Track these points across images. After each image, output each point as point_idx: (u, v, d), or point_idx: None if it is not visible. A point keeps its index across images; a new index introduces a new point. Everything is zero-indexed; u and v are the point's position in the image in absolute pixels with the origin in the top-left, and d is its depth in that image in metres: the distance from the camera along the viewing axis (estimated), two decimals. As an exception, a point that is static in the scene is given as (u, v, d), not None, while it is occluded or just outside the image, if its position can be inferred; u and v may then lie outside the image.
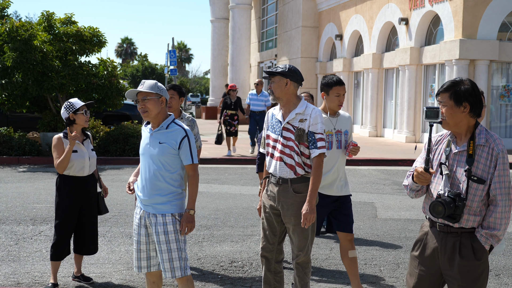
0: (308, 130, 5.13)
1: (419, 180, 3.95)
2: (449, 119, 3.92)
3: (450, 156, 3.98)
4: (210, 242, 8.42)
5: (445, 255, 3.97)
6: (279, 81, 5.19)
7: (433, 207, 3.85)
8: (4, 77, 17.09)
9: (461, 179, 3.91)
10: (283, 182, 5.20)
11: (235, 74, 36.52)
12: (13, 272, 6.95)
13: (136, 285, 6.58)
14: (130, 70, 79.10)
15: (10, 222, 9.39)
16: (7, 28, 17.02)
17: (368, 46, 26.92)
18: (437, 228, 4.02)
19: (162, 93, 4.91)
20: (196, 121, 7.16)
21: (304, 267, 5.29)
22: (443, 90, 3.94)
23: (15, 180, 13.77)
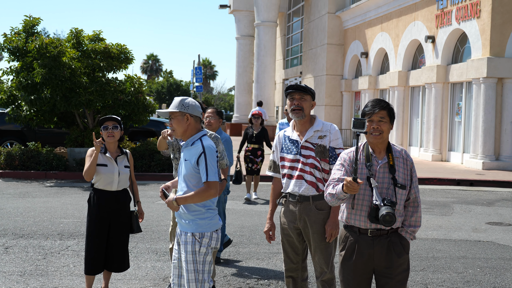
0: (329, 146, 5.17)
1: (348, 189, 4.21)
2: (385, 134, 4.47)
3: (375, 169, 4.46)
4: (236, 260, 8.41)
5: (382, 255, 4.46)
6: (310, 101, 5.26)
7: (383, 218, 4.21)
8: (33, 93, 17.31)
9: (388, 187, 4.44)
10: (304, 200, 5.19)
11: (260, 91, 36.62)
12: (41, 286, 6.99)
13: (163, 302, 6.59)
14: (155, 87, 79.67)
15: (38, 237, 9.47)
16: (37, 45, 17.26)
17: (394, 63, 26.85)
18: (369, 234, 4.48)
19: (187, 110, 4.83)
20: (220, 138, 6.98)
21: (330, 284, 5.26)
22: (382, 108, 4.45)
23: (42, 195, 13.90)
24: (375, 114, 4.45)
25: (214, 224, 4.83)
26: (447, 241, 9.76)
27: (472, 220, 11.77)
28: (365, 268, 4.50)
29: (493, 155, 20.31)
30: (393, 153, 4.51)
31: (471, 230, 10.73)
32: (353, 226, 4.52)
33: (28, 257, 8.27)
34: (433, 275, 7.83)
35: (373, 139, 4.46)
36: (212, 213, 4.84)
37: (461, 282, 7.53)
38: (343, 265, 4.57)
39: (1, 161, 17.59)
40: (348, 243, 4.54)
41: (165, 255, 8.50)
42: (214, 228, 4.82)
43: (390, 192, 4.43)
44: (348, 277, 4.54)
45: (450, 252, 9.04)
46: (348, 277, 4.54)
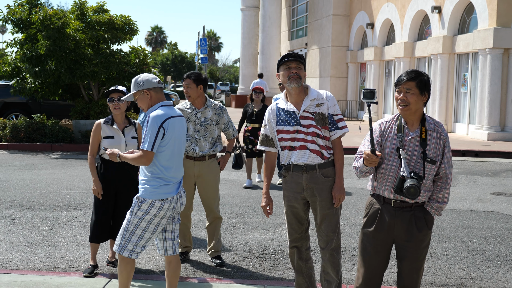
0: (327, 113, 5.17)
1: (367, 162, 4.35)
2: (413, 106, 4.37)
3: (405, 141, 4.41)
4: (242, 230, 8.46)
5: (402, 227, 4.44)
6: (303, 71, 5.23)
7: (407, 190, 4.22)
8: (37, 65, 17.28)
9: (417, 160, 4.38)
10: (310, 169, 5.15)
11: (265, 63, 36.49)
12: (49, 257, 7.06)
13: (169, 271, 6.63)
14: (160, 59, 79.40)
15: (45, 208, 9.52)
16: (41, 17, 17.19)
17: (400, 34, 26.68)
18: (392, 205, 4.47)
19: (144, 86, 5.04)
20: (225, 109, 6.98)
21: (338, 252, 5.28)
22: (409, 79, 4.37)
23: (48, 167, 13.95)
24: (402, 85, 4.40)
25: (159, 193, 4.93)
26: (451, 211, 9.78)
27: (477, 190, 11.79)
28: (385, 238, 4.50)
29: (499, 126, 20.27)
30: (426, 126, 4.42)
31: (476, 201, 10.75)
32: (379, 195, 4.54)
33: (35, 228, 8.33)
34: (438, 244, 7.86)
35: (401, 111, 4.41)
36: (159, 182, 4.94)
37: (466, 252, 7.56)
38: (363, 231, 4.61)
39: (7, 134, 17.62)
40: (371, 210, 4.58)
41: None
42: (157, 196, 4.92)
43: (418, 165, 4.37)
44: (367, 243, 4.56)
45: (454, 222, 9.06)
46: (366, 244, 4.56)
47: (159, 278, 6.32)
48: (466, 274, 6.73)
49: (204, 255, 7.25)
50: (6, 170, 13.34)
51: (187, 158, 6.80)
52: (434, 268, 6.94)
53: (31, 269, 6.61)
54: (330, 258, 5.23)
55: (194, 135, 6.74)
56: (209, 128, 6.77)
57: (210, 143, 6.79)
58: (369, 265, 4.58)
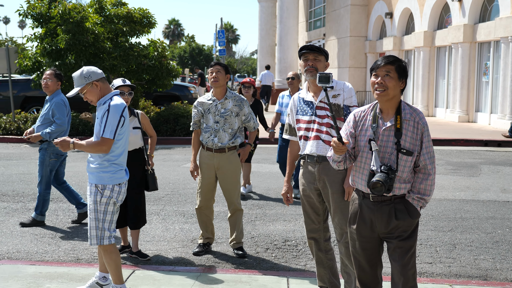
0: (343, 104, 5.15)
1: (335, 150, 4.15)
2: (391, 91, 4.14)
3: (379, 132, 4.20)
4: (263, 221, 8.45)
5: (382, 222, 4.23)
6: (324, 61, 5.24)
7: (372, 186, 4.07)
8: (57, 59, 17.37)
9: (391, 152, 4.16)
10: (323, 160, 5.14)
11: (283, 54, 36.37)
12: (72, 249, 7.10)
13: (191, 262, 6.65)
14: (177, 52, 79.56)
15: (67, 200, 9.56)
16: (60, 11, 17.26)
17: (419, 23, 26.46)
18: (371, 199, 4.27)
19: (91, 78, 5.14)
20: (246, 100, 6.93)
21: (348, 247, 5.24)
22: (388, 62, 4.14)
23: (69, 160, 14.02)
24: (380, 68, 4.15)
25: (117, 178, 5.20)
26: (475, 202, 9.70)
27: (500, 180, 11.67)
28: (369, 234, 4.30)
29: (521, 115, 20.05)
30: (402, 115, 4.17)
31: (500, 191, 10.65)
32: (358, 190, 4.36)
33: (58, 220, 8.38)
34: (462, 235, 7.80)
35: (378, 96, 4.15)
36: (116, 168, 5.19)
37: (490, 242, 7.49)
38: (349, 229, 4.44)
39: (28, 127, 17.75)
40: (353, 206, 4.41)
41: (193, 217, 8.56)
42: (116, 181, 5.19)
43: (393, 157, 4.15)
44: (352, 241, 4.40)
45: (478, 213, 8.98)
46: (353, 242, 4.40)
47: (183, 269, 6.33)
48: (492, 265, 6.67)
49: (226, 246, 7.25)
50: (28, 164, 13.44)
51: (207, 150, 6.80)
52: (459, 259, 6.88)
53: (56, 261, 6.65)
54: (346, 252, 5.17)
55: (213, 126, 6.74)
56: (228, 120, 6.75)
57: (230, 135, 6.77)
58: (360, 263, 4.41)
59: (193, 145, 6.97)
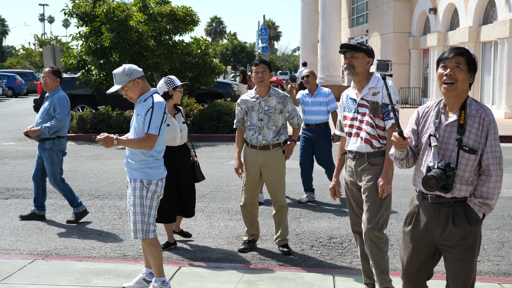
0: (381, 102, 5.14)
1: (395, 146, 3.96)
2: (460, 84, 3.89)
3: (441, 128, 3.97)
4: (308, 218, 8.42)
5: (439, 225, 3.96)
6: (363, 58, 5.21)
7: (425, 181, 3.84)
8: (102, 57, 17.58)
9: (452, 149, 3.91)
10: (360, 157, 5.22)
11: (325, 51, 36.17)
12: (119, 245, 7.18)
13: (236, 259, 6.66)
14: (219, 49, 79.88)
15: (113, 197, 9.69)
16: (104, 10, 17.46)
17: (464, 19, 26.04)
18: (429, 200, 4.01)
19: (133, 76, 5.26)
20: (289, 97, 6.92)
21: (376, 243, 5.18)
22: (459, 53, 3.89)
23: (114, 157, 14.20)
24: (449, 59, 3.87)
25: (160, 173, 5.37)
26: (523, 199, 9.51)
27: (549, 177, 11.42)
28: (424, 237, 4.02)
29: None
30: (467, 110, 3.89)
31: (549, 188, 10.42)
32: (420, 190, 4.08)
33: (104, 217, 8.49)
34: (510, 233, 7.65)
35: (445, 89, 3.87)
36: (159, 163, 5.36)
37: (540, 241, 7.34)
38: (403, 229, 4.20)
39: (74, 125, 18.02)
40: (411, 206, 4.17)
41: (237, 214, 8.57)
42: (160, 176, 5.35)
43: (454, 155, 3.88)
44: (406, 243, 4.13)
45: (527, 210, 8.81)
46: (406, 243, 4.13)
47: (229, 266, 6.34)
48: (542, 263, 6.53)
49: (271, 243, 7.24)
50: (74, 161, 13.64)
51: (252, 148, 6.81)
52: (507, 257, 6.76)
53: (103, 257, 6.74)
54: (368, 246, 5.21)
55: (257, 123, 6.73)
56: (272, 117, 6.74)
57: (274, 132, 6.76)
58: (409, 267, 4.14)
59: (237, 143, 6.98)
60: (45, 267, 6.19)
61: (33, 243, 7.26)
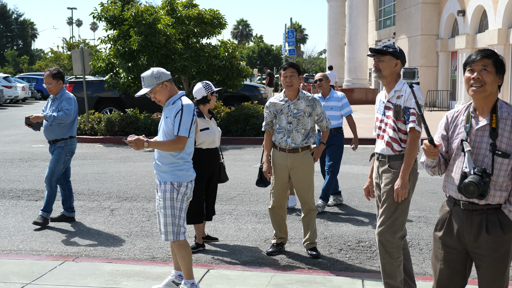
0: (404, 105, 5.12)
1: (426, 153, 3.85)
2: (489, 87, 3.79)
3: (472, 132, 3.85)
4: (336, 222, 8.38)
5: (471, 233, 3.84)
6: (390, 61, 5.19)
7: (464, 187, 3.71)
8: (130, 60, 17.70)
9: (485, 154, 3.79)
10: (382, 159, 5.24)
11: (352, 54, 36.08)
12: (148, 247, 7.21)
13: (264, 262, 6.65)
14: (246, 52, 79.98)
15: (141, 200, 9.74)
16: (133, 13, 17.60)
17: (493, 21, 25.77)
18: (461, 207, 3.89)
19: (162, 79, 5.29)
20: (318, 100, 6.88)
21: (386, 246, 5.14)
22: (485, 55, 3.80)
23: (142, 159, 14.28)
24: (476, 62, 3.80)
25: (190, 175, 5.40)
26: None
27: None
28: (456, 245, 3.91)
29: None
30: (498, 113, 3.79)
31: None
32: (450, 196, 3.97)
33: (133, 219, 8.53)
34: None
35: (473, 92, 3.79)
36: (188, 165, 5.40)
37: None
38: (434, 235, 4.07)
39: (102, 127, 18.16)
40: (442, 213, 4.04)
41: (265, 217, 8.57)
42: (190, 178, 5.39)
43: (487, 160, 3.77)
44: (437, 250, 4.02)
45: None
46: (437, 251, 4.02)
47: (257, 269, 6.34)
48: None
49: (299, 246, 7.22)
50: (102, 163, 13.74)
51: (280, 150, 6.81)
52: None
53: (132, 259, 6.78)
54: (378, 249, 5.26)
55: (286, 127, 6.73)
56: (301, 120, 6.73)
57: (303, 135, 6.75)
58: (441, 275, 4.02)
59: (265, 146, 6.98)
60: (75, 269, 6.24)
61: (63, 245, 7.33)
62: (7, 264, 6.40)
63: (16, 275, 6.03)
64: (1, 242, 7.41)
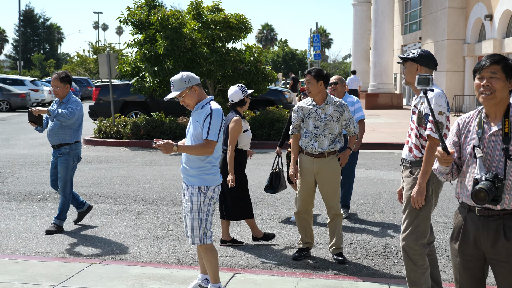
0: (424, 112, 5.10)
1: (440, 161, 3.80)
2: (499, 93, 3.75)
3: (485, 138, 3.81)
4: (362, 227, 8.34)
5: (488, 239, 3.77)
6: (410, 67, 5.22)
7: (475, 194, 3.65)
8: (156, 64, 17.80)
9: (498, 159, 3.74)
10: (405, 164, 5.27)
11: (378, 58, 35.91)
12: (174, 251, 7.24)
13: (290, 266, 6.64)
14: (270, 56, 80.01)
15: (167, 203, 9.78)
16: (159, 18, 17.70)
17: (521, 26, 25.52)
18: (476, 213, 3.83)
19: (191, 83, 5.33)
20: (346, 105, 6.84)
21: (408, 253, 5.12)
22: (494, 61, 3.75)
23: (168, 163, 14.34)
24: (484, 69, 3.76)
25: (217, 179, 5.42)
26: None
27: None
28: (473, 252, 3.86)
29: None
30: (511, 118, 3.76)
31: None
32: (464, 202, 3.93)
33: (159, 222, 8.57)
34: None
35: (483, 100, 3.76)
36: (216, 170, 5.43)
37: None
38: (450, 245, 4.04)
39: (128, 131, 18.26)
40: (456, 220, 4.00)
41: (290, 221, 8.55)
42: (217, 183, 5.41)
43: (501, 165, 3.72)
44: (455, 258, 3.98)
45: None
46: (455, 259, 3.98)
47: (283, 273, 6.33)
48: None
49: (325, 251, 7.20)
50: (128, 166, 13.83)
51: (307, 155, 6.79)
52: None
53: (158, 262, 6.80)
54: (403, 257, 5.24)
55: (313, 131, 6.71)
56: (328, 125, 6.71)
57: (329, 140, 6.73)
58: (462, 284, 3.98)
59: (292, 149, 6.98)
60: (102, 271, 6.28)
61: (90, 247, 7.38)
62: (35, 266, 6.47)
63: (44, 277, 6.09)
64: (29, 244, 7.48)
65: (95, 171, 13.03)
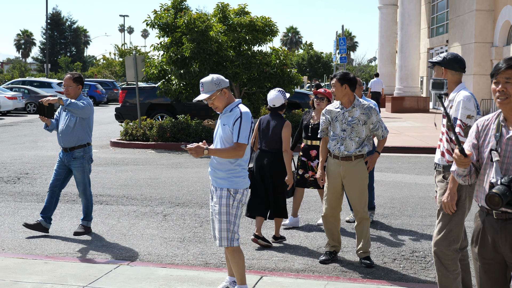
0: (453, 116, 5.06)
1: (457, 163, 3.77)
2: None
3: (503, 141, 3.78)
4: (389, 231, 8.29)
5: (507, 243, 3.75)
6: (438, 71, 5.25)
7: (489, 199, 3.62)
8: (182, 67, 17.88)
9: None
10: (438, 168, 5.26)
11: (404, 61, 35.68)
12: (201, 253, 7.26)
13: (317, 270, 6.62)
14: (295, 59, 79.95)
15: (193, 205, 9.81)
16: (185, 21, 17.78)
17: (550, 28, 25.20)
18: (494, 216, 3.81)
19: (221, 85, 5.35)
20: (374, 109, 6.79)
21: (441, 257, 5.08)
22: (509, 66, 3.73)
23: (193, 165, 14.38)
24: (500, 74, 3.76)
25: (246, 182, 5.45)
26: None
27: None
28: (493, 256, 3.84)
29: None
30: None
31: None
32: (482, 206, 3.90)
33: (185, 225, 8.60)
34: None
35: (499, 104, 3.77)
36: (245, 173, 5.44)
37: None
38: (471, 249, 4.01)
39: (154, 133, 18.36)
40: (476, 224, 3.98)
41: (317, 225, 8.53)
42: (246, 186, 5.43)
43: None
44: (476, 262, 3.96)
45: None
46: (476, 262, 3.96)
47: (310, 277, 6.31)
48: None
49: (352, 255, 7.17)
50: (154, 169, 13.90)
51: (334, 158, 6.77)
52: None
53: (185, 264, 6.83)
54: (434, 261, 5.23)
55: (340, 134, 6.69)
56: (356, 128, 6.67)
57: (356, 143, 6.69)
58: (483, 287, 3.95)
59: (321, 152, 6.97)
60: (130, 273, 6.32)
61: (118, 249, 7.43)
62: (64, 266, 6.53)
63: (73, 277, 6.14)
64: (58, 245, 7.56)
65: (121, 173, 13.12)
